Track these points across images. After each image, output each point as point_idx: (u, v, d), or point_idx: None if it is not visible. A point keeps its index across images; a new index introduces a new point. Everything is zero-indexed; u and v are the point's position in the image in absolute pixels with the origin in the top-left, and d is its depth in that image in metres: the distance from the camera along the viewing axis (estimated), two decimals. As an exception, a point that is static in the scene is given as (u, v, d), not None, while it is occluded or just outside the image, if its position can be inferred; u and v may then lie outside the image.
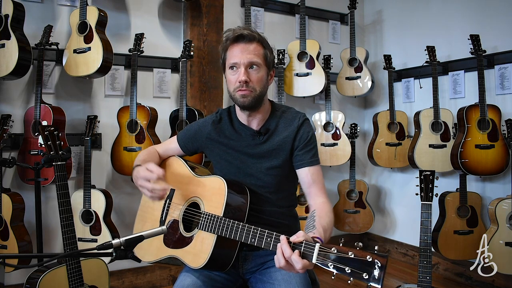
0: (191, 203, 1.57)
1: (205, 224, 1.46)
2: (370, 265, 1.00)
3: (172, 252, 1.54)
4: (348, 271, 1.02)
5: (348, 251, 1.04)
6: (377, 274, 0.99)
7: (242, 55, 1.45)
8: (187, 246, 1.50)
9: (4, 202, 2.39)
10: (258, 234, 1.30)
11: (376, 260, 1.00)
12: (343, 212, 3.56)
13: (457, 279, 3.16)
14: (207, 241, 1.44)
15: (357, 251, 1.03)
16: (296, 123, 1.55)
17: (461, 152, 2.79)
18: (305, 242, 1.11)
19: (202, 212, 1.49)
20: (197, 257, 1.45)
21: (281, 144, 1.54)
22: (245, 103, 1.48)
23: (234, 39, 1.48)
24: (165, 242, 1.58)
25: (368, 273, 0.99)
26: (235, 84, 1.48)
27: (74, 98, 2.83)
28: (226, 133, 1.60)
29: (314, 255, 1.08)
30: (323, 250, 1.08)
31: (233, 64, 1.47)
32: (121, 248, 1.12)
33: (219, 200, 1.47)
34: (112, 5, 2.91)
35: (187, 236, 1.52)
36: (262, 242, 1.28)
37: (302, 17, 3.40)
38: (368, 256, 1.01)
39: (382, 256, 1.00)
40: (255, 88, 1.47)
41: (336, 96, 3.74)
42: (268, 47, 1.53)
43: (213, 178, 1.55)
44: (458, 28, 3.17)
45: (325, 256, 1.06)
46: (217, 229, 1.41)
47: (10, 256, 2.04)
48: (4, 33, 2.38)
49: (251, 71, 1.47)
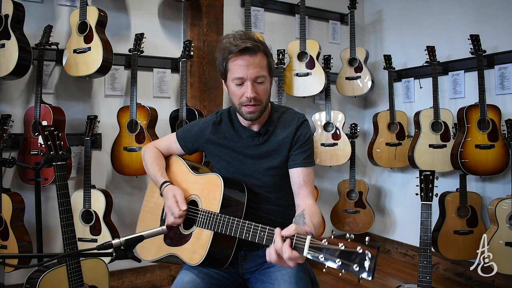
0: (190, 201, 1.57)
1: (202, 221, 1.47)
2: (360, 257, 0.98)
3: (171, 250, 1.55)
4: (338, 263, 1.00)
5: (338, 243, 1.02)
6: (367, 265, 0.97)
7: (248, 70, 1.42)
8: (185, 244, 1.51)
9: (4, 202, 2.39)
10: (252, 229, 1.30)
11: (366, 251, 0.98)
12: (343, 212, 3.56)
13: (457, 279, 3.16)
14: (204, 238, 1.45)
15: (347, 242, 1.02)
16: (295, 124, 1.56)
17: (461, 152, 2.79)
18: (297, 235, 1.11)
19: (200, 209, 1.50)
20: (194, 254, 1.46)
21: (280, 145, 1.55)
22: (253, 118, 1.48)
23: (238, 52, 1.42)
24: (165, 240, 1.59)
25: (358, 265, 0.98)
26: (240, 98, 1.46)
27: (74, 98, 2.83)
28: (226, 134, 1.61)
29: (306, 247, 1.07)
30: (314, 242, 1.07)
31: (238, 79, 1.44)
32: (121, 248, 1.12)
33: (216, 196, 1.48)
34: (112, 5, 2.91)
35: (186, 234, 1.53)
36: (256, 236, 1.28)
37: (302, 17, 3.40)
38: (359, 247, 0.99)
39: (372, 247, 0.99)
40: (262, 100, 1.47)
41: (336, 96, 3.74)
42: (270, 54, 1.50)
43: (210, 175, 1.56)
44: (458, 28, 3.17)
45: (316, 249, 1.05)
46: (213, 225, 1.42)
47: (10, 256, 2.05)
48: (4, 33, 2.38)
49: (257, 85, 1.45)
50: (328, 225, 3.56)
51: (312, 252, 1.06)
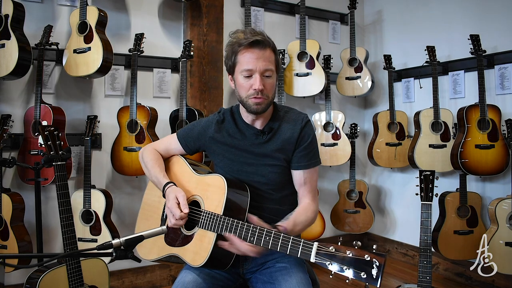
0: (192, 201, 1.57)
1: (205, 222, 1.46)
2: (368, 264, 1.01)
3: (173, 250, 1.55)
4: (346, 270, 1.03)
5: (346, 250, 1.05)
6: (375, 273, 1.00)
7: (258, 62, 1.45)
8: (187, 245, 1.51)
9: (4, 202, 2.39)
10: (257, 232, 1.31)
11: (374, 260, 1.01)
12: (343, 212, 3.56)
13: (457, 279, 3.16)
14: (207, 240, 1.45)
15: (355, 250, 1.05)
16: (299, 124, 1.58)
17: (461, 152, 2.79)
18: (303, 242, 1.16)
19: (202, 210, 1.49)
20: (197, 255, 1.45)
21: (285, 144, 1.56)
22: (259, 110, 1.50)
23: (248, 45, 1.46)
24: (167, 240, 1.58)
25: (366, 272, 1.00)
26: (248, 90, 1.48)
27: (74, 98, 2.83)
28: (230, 132, 1.61)
29: (312, 253, 1.10)
30: (321, 249, 1.09)
31: (247, 71, 1.46)
32: (121, 248, 1.12)
33: (219, 198, 1.47)
34: (112, 5, 2.90)
35: (188, 235, 1.52)
36: (261, 241, 1.29)
37: (302, 17, 3.40)
38: (366, 255, 1.02)
39: (380, 255, 1.02)
40: (269, 95, 1.50)
41: (336, 96, 3.74)
42: (278, 52, 1.55)
43: (213, 176, 1.55)
44: (458, 28, 3.17)
45: (324, 255, 1.08)
46: (216, 227, 1.42)
47: (10, 256, 2.05)
48: (4, 33, 2.38)
49: (265, 78, 1.48)
50: (328, 225, 3.55)
51: (319, 258, 1.09)
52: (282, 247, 1.24)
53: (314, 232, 3.30)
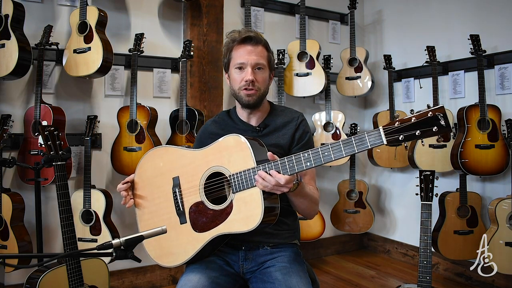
0: (209, 175, 1.50)
1: (239, 184, 1.41)
2: (434, 119, 1.13)
3: (214, 232, 1.45)
4: (418, 134, 1.15)
5: (410, 118, 1.16)
6: (444, 122, 1.12)
7: (250, 56, 1.54)
8: (229, 216, 1.42)
9: (4, 202, 2.39)
10: (308, 155, 1.30)
11: (437, 113, 1.12)
12: (343, 212, 3.56)
13: (457, 279, 3.16)
14: (252, 197, 1.38)
15: (417, 115, 1.16)
16: (295, 121, 1.63)
17: (461, 152, 2.79)
18: (367, 133, 1.21)
19: (230, 175, 1.43)
20: (248, 218, 1.38)
21: (280, 141, 1.59)
22: (250, 102, 1.56)
23: (241, 41, 1.56)
24: (197, 228, 1.49)
25: (436, 125, 1.13)
26: (240, 82, 1.55)
27: (74, 98, 2.83)
28: (227, 127, 1.66)
29: (383, 136, 1.18)
30: (387, 129, 1.18)
31: (240, 64, 1.55)
32: (121, 248, 1.12)
33: (244, 154, 1.41)
34: (112, 5, 2.90)
35: (224, 208, 1.44)
36: (319, 159, 1.28)
37: (302, 17, 3.40)
38: (430, 113, 1.13)
39: (438, 107, 1.13)
40: (260, 88, 1.56)
41: (336, 96, 3.74)
42: (271, 51, 1.63)
43: (222, 140, 1.48)
44: (458, 28, 3.17)
45: (392, 132, 1.17)
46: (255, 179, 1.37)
47: (10, 256, 2.05)
48: (4, 33, 2.38)
49: (257, 71, 1.55)
50: (328, 225, 3.55)
51: (390, 136, 1.18)
52: (348, 149, 1.23)
53: (314, 232, 3.31)
